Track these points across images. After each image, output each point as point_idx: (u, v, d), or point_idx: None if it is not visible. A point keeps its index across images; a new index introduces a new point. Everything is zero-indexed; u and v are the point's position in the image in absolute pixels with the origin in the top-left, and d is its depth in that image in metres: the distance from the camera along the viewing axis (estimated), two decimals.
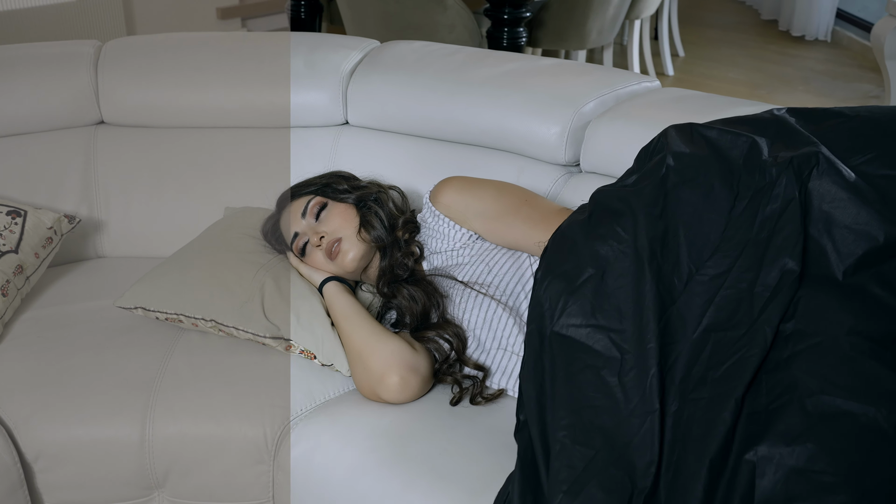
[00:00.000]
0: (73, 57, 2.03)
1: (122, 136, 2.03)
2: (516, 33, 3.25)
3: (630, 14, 4.15)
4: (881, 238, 1.28)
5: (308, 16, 3.69)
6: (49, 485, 1.53)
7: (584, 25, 3.67)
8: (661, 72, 4.85)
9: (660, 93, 1.95)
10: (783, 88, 4.74)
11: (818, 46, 5.44)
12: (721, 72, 4.97)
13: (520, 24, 3.25)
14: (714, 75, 4.91)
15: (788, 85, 4.80)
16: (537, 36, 3.73)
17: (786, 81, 4.86)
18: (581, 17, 3.64)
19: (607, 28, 3.78)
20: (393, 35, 3.27)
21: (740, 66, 5.08)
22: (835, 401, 1.13)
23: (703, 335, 1.27)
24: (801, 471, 1.09)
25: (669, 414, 1.22)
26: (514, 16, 3.22)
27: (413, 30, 3.31)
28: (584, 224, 1.40)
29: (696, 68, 5.02)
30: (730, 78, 4.89)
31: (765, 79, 4.90)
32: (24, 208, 1.79)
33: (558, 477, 1.19)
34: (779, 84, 4.81)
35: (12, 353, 1.62)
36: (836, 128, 1.44)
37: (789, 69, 5.06)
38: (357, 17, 3.45)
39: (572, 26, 3.67)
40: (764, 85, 4.79)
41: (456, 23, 3.34)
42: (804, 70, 5.05)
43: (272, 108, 2.01)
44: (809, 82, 4.84)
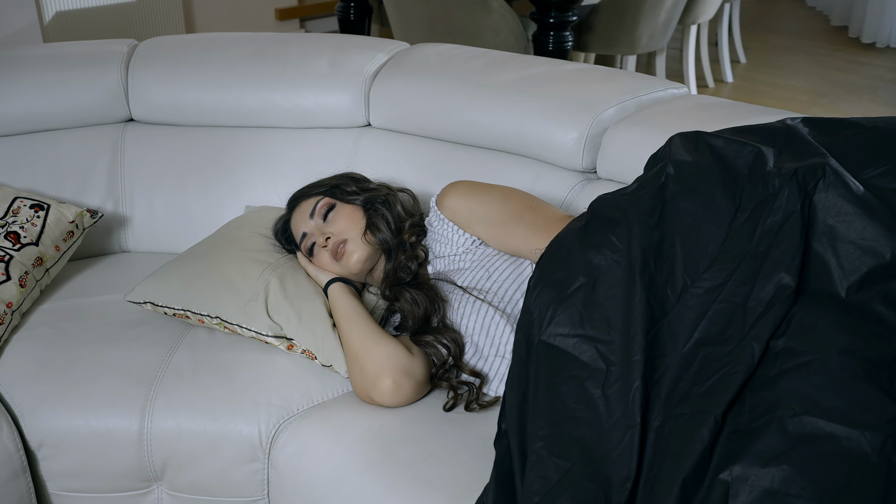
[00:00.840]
0: (107, 55, 2.08)
1: (149, 133, 2.07)
2: (562, 37, 3.21)
3: (685, 19, 4.08)
4: (888, 255, 1.23)
5: (357, 17, 3.71)
6: (51, 472, 1.56)
7: (635, 30, 3.62)
8: (719, 79, 4.75)
9: (684, 100, 1.90)
10: (848, 97, 4.60)
11: (889, 54, 5.27)
12: (783, 79, 4.85)
13: (566, 28, 3.21)
14: (775, 83, 4.79)
15: (853, 94, 4.65)
16: (587, 40, 3.69)
17: (851, 90, 4.71)
18: (631, 21, 3.59)
19: (659, 33, 3.72)
20: (437, 38, 3.28)
21: (804, 74, 4.95)
22: (817, 422, 1.09)
23: (694, 349, 1.23)
24: (775, 493, 1.05)
25: (652, 429, 1.19)
26: (560, 20, 3.19)
27: (458, 33, 3.30)
28: (580, 232, 1.37)
29: (757, 76, 4.91)
30: (792, 86, 4.76)
31: (829, 87, 4.76)
32: (47, 202, 1.84)
33: (531, 488, 1.18)
34: (843, 93, 4.67)
35: (25, 343, 1.66)
36: (850, 139, 1.39)
37: (856, 77, 4.91)
38: (403, 20, 3.46)
39: (622, 31, 3.62)
40: (828, 93, 4.66)
41: (501, 26, 3.32)
42: (872, 78, 4.89)
43: (295, 108, 2.03)
44: (876, 91, 4.69)
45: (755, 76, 4.90)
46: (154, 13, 4.30)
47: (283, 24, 5.01)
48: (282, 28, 5.01)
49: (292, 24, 5.08)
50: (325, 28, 5.18)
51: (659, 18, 3.64)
